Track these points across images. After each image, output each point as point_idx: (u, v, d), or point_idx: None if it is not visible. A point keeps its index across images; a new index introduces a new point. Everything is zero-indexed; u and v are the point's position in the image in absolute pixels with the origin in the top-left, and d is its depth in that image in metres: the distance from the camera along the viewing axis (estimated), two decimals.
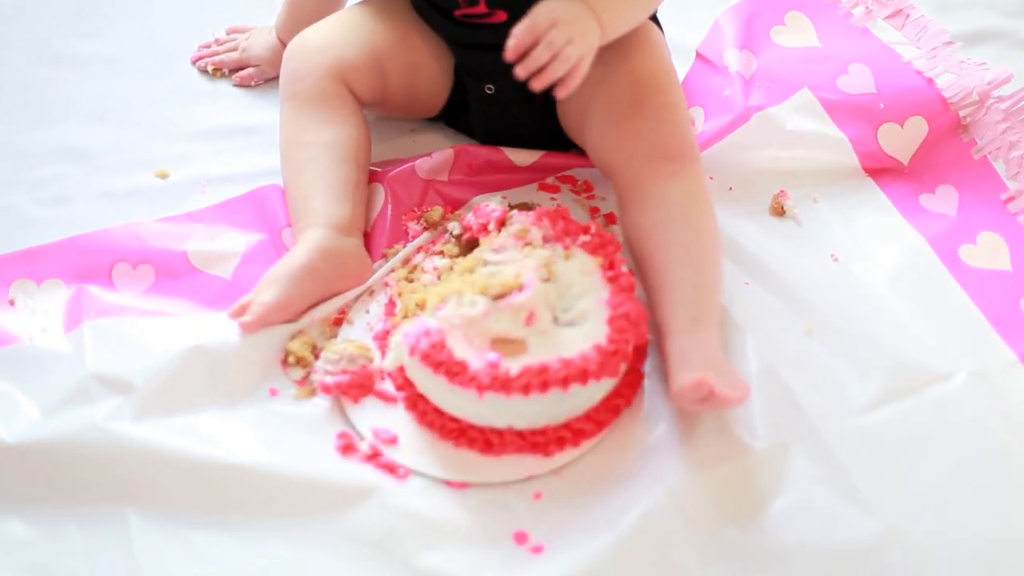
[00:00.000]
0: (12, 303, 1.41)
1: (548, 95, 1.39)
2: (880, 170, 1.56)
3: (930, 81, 1.58)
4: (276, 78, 1.58)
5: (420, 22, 1.57)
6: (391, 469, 1.30)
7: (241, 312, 1.37)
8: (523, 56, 1.32)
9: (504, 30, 1.35)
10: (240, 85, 1.72)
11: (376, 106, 1.60)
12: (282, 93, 1.54)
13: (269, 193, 1.53)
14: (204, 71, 1.74)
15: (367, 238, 1.50)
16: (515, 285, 1.30)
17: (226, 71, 1.74)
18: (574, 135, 1.57)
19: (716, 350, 1.32)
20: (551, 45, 1.31)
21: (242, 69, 1.74)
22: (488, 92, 1.56)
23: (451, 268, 1.42)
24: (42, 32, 1.81)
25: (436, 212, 1.52)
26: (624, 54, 1.49)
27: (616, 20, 1.39)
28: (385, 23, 1.56)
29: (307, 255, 1.40)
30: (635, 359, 1.35)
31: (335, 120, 1.51)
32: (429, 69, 1.58)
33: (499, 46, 1.35)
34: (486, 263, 1.36)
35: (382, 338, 1.40)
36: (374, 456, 1.31)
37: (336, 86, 1.52)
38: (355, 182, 1.49)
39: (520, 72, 1.32)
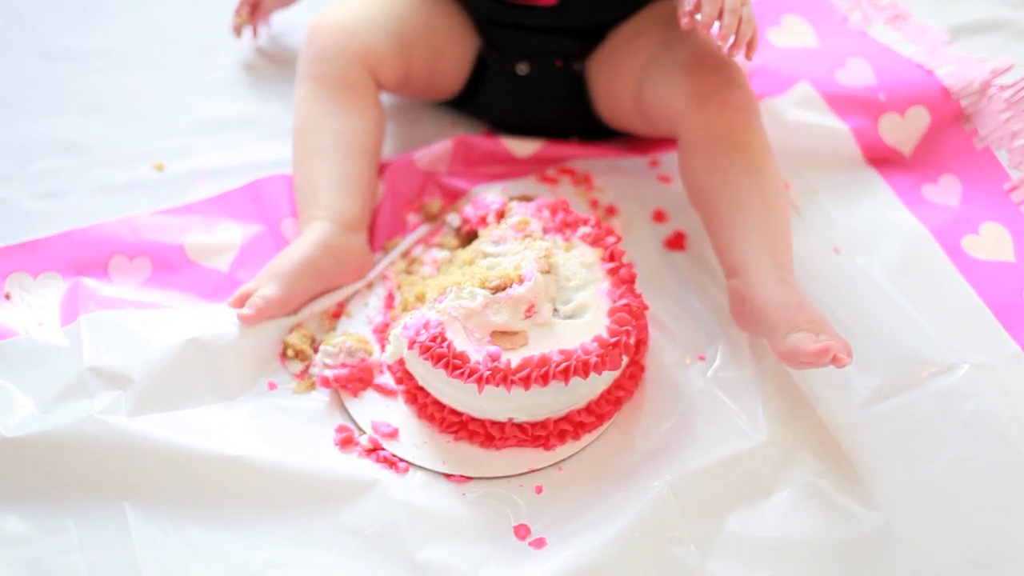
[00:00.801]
0: (8, 297, 1.40)
1: (576, 72, 1.39)
2: (882, 161, 1.55)
3: (930, 72, 1.57)
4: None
5: (443, 3, 1.56)
6: (391, 463, 1.30)
7: (241, 302, 1.37)
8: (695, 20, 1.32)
9: (552, 14, 1.34)
10: (239, 28, 1.71)
11: (396, 91, 1.60)
12: (303, 71, 1.53)
13: (267, 185, 1.52)
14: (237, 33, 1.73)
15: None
16: (515, 277, 1.30)
17: (244, 16, 1.72)
18: (615, 104, 1.56)
19: (813, 307, 1.30)
20: (734, 11, 1.30)
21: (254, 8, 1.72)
22: (520, 72, 1.56)
23: (450, 260, 1.42)
24: (39, 25, 1.80)
25: (435, 205, 1.51)
26: (670, 23, 1.50)
27: None
28: (411, 6, 1.56)
29: (310, 250, 1.39)
30: (636, 351, 1.35)
31: (355, 111, 1.50)
32: (451, 53, 1.57)
33: (542, 28, 1.35)
34: (485, 255, 1.35)
35: (381, 331, 1.40)
36: (374, 450, 1.31)
37: (361, 73, 1.51)
38: (367, 178, 1.48)
39: (722, 42, 1.31)
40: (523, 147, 1.58)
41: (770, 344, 1.30)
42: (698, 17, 1.31)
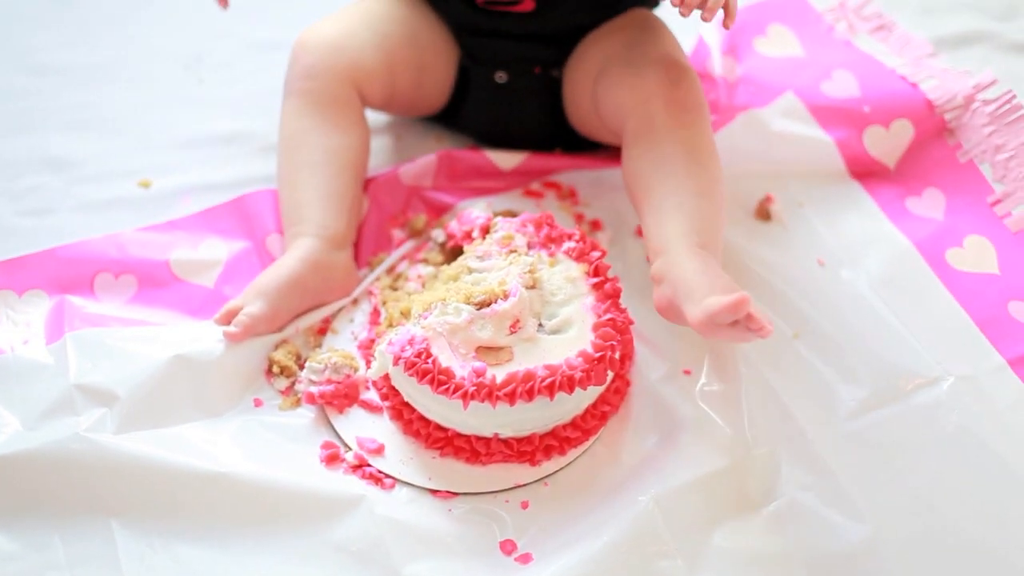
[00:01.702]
0: None
1: (555, 79, 1.41)
2: (866, 173, 1.56)
3: (914, 85, 1.57)
4: None
5: (427, 17, 1.56)
6: (377, 479, 1.30)
7: (227, 319, 1.37)
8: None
9: (528, 20, 1.34)
10: None
11: (381, 108, 1.60)
12: (289, 87, 1.53)
13: (253, 200, 1.52)
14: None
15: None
16: (499, 293, 1.30)
17: None
18: (577, 105, 1.56)
19: (733, 281, 1.28)
20: None
21: None
22: (499, 81, 1.56)
23: (435, 276, 1.42)
24: (23, 40, 1.80)
25: (420, 220, 1.52)
26: (640, 29, 1.50)
27: None
28: (396, 22, 1.56)
29: (297, 267, 1.40)
30: (621, 366, 1.35)
31: (341, 127, 1.50)
32: (436, 67, 1.57)
33: (518, 35, 1.35)
34: (470, 271, 1.35)
35: (367, 347, 1.40)
36: (360, 466, 1.31)
37: (348, 91, 1.51)
38: (353, 194, 1.48)
39: (684, 12, 1.28)
40: (507, 160, 1.58)
41: (688, 318, 1.26)
42: None
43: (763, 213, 1.53)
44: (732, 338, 1.24)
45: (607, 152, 1.61)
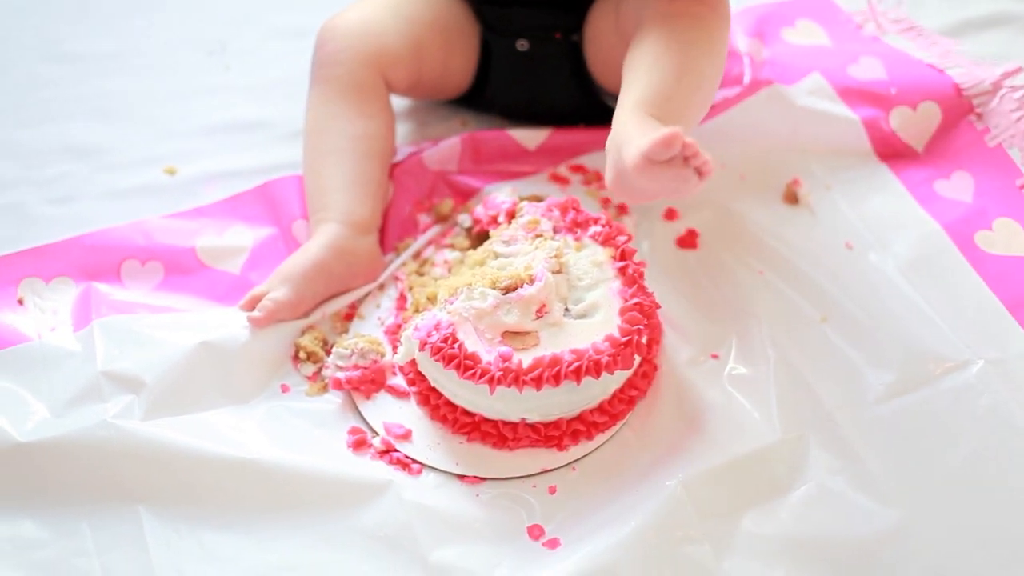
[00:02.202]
0: (21, 302, 1.40)
1: (576, 43, 1.42)
2: (894, 156, 1.55)
3: (941, 71, 1.57)
4: None
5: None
6: (404, 464, 1.30)
7: (251, 305, 1.37)
8: None
9: None
10: None
11: (406, 93, 1.60)
12: (315, 75, 1.53)
13: (278, 186, 1.52)
14: None
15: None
16: (525, 277, 1.29)
17: None
18: (601, 53, 1.55)
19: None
20: None
21: None
22: (520, 49, 1.56)
23: (461, 261, 1.41)
24: (48, 30, 1.80)
25: (446, 205, 1.51)
26: None
27: None
28: (421, 5, 1.56)
29: (321, 252, 1.40)
30: (649, 350, 1.34)
31: (366, 113, 1.50)
32: (461, 48, 1.57)
33: (537, 2, 1.39)
34: (496, 255, 1.35)
35: (393, 332, 1.39)
36: (387, 451, 1.30)
37: (372, 76, 1.51)
38: (378, 180, 1.48)
39: None
40: (532, 138, 1.58)
41: (627, 164, 1.21)
42: None
43: (791, 197, 1.52)
44: (675, 183, 1.19)
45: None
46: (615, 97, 1.48)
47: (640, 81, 1.32)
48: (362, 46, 1.50)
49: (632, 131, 1.24)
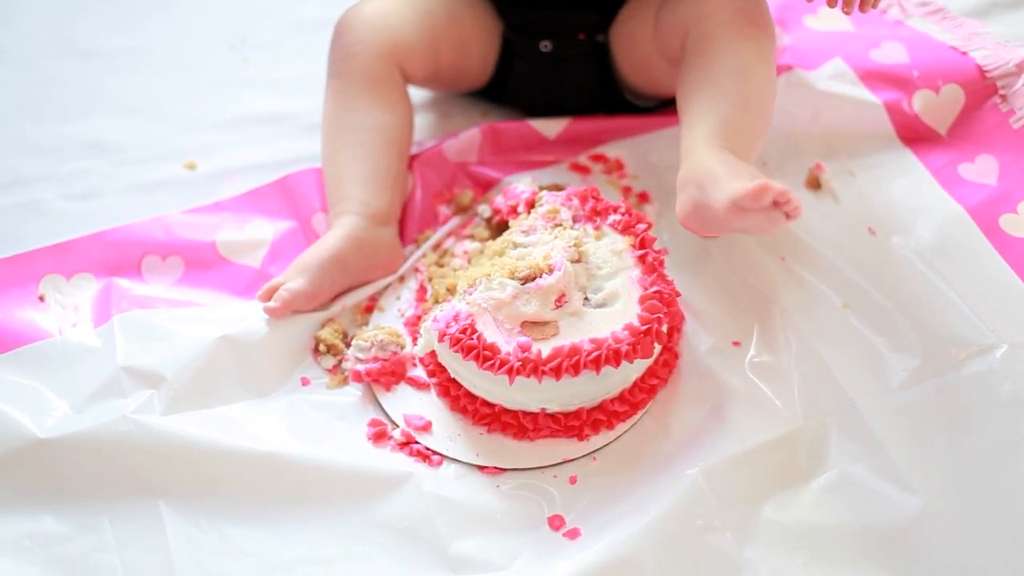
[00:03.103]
0: (42, 298, 1.41)
1: (601, 44, 1.42)
2: (917, 139, 1.53)
3: (964, 54, 1.55)
4: None
5: None
6: (424, 456, 1.29)
7: (269, 295, 1.37)
8: None
9: None
10: None
11: (424, 85, 1.60)
12: (331, 68, 1.53)
13: (298, 180, 1.52)
14: None
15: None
16: (544, 267, 1.29)
17: None
18: (635, 57, 1.55)
19: (755, 169, 1.25)
20: None
21: None
22: (544, 50, 1.55)
23: (481, 251, 1.41)
24: (68, 27, 1.81)
25: (466, 196, 1.51)
26: None
27: None
28: None
29: (339, 244, 1.39)
30: (669, 338, 1.34)
31: (383, 105, 1.50)
32: (478, 42, 1.57)
33: (561, 3, 1.40)
34: (516, 245, 1.34)
35: (413, 324, 1.39)
36: (407, 443, 1.30)
37: (389, 68, 1.51)
38: (396, 172, 1.48)
39: (848, 10, 1.32)
40: (551, 127, 1.57)
41: (714, 206, 1.23)
42: None
43: (813, 182, 1.51)
44: (762, 225, 1.22)
45: (651, 114, 1.60)
46: (641, 96, 1.49)
47: (709, 113, 1.33)
48: (377, 38, 1.50)
49: (717, 170, 1.25)
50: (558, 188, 1.45)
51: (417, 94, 1.61)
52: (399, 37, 1.51)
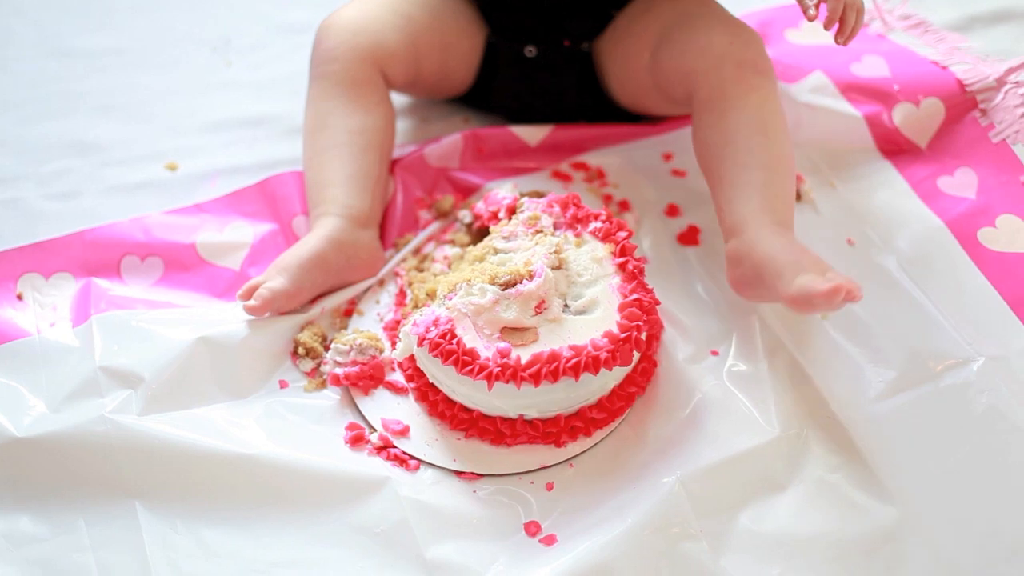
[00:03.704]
0: (20, 297, 1.40)
1: (585, 52, 1.42)
2: (898, 152, 1.54)
3: (945, 68, 1.56)
4: None
5: None
6: (402, 460, 1.29)
7: (248, 294, 1.37)
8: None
9: None
10: None
11: (406, 90, 1.60)
12: (313, 71, 1.53)
13: (278, 182, 1.52)
14: None
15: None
16: (525, 273, 1.29)
17: None
18: (627, 77, 1.55)
19: (814, 252, 1.30)
20: (854, 5, 1.33)
21: None
22: (528, 55, 1.56)
23: (461, 257, 1.41)
24: (51, 26, 1.81)
25: (447, 201, 1.51)
26: (692, 2, 1.51)
27: None
28: (420, 3, 1.56)
29: (319, 245, 1.39)
30: (648, 346, 1.34)
31: (364, 107, 1.50)
32: (461, 47, 1.57)
33: (547, 9, 1.40)
34: (496, 251, 1.35)
35: (392, 328, 1.39)
36: (384, 447, 1.30)
37: (370, 71, 1.51)
38: (376, 174, 1.48)
39: (841, 41, 1.35)
40: (533, 134, 1.58)
41: (778, 294, 1.27)
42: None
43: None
44: (824, 309, 1.24)
45: (632, 122, 1.61)
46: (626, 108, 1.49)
47: (748, 184, 1.36)
48: (358, 42, 1.50)
49: (780, 259, 1.28)
50: (539, 195, 1.45)
51: (398, 100, 1.61)
52: (380, 41, 1.51)
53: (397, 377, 1.36)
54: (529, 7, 1.52)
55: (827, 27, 1.33)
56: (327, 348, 1.38)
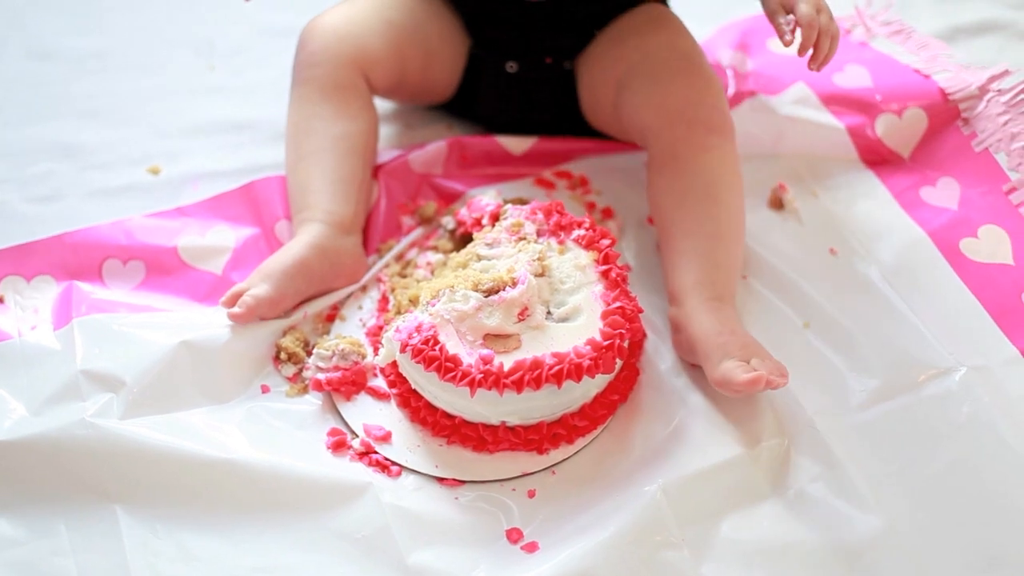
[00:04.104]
0: (1, 300, 1.40)
1: (567, 70, 1.40)
2: (880, 162, 1.55)
3: (927, 77, 1.57)
4: None
5: (436, 6, 1.56)
6: (383, 466, 1.29)
7: (232, 301, 1.36)
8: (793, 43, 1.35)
9: (539, 8, 1.37)
10: None
11: (389, 96, 1.59)
12: (296, 76, 1.52)
13: (261, 187, 1.52)
14: None
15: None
16: (508, 280, 1.29)
17: None
18: (597, 107, 1.55)
19: (747, 333, 1.32)
20: (829, 32, 1.34)
21: None
22: (509, 71, 1.55)
23: (444, 263, 1.41)
24: (34, 27, 1.80)
25: (430, 207, 1.51)
26: (657, 28, 1.50)
27: None
28: (403, 10, 1.55)
29: (304, 251, 1.39)
30: (631, 354, 1.34)
31: (347, 113, 1.49)
32: (444, 55, 1.57)
33: (530, 25, 1.39)
34: (479, 258, 1.34)
35: (375, 334, 1.39)
36: (366, 453, 1.30)
37: (353, 76, 1.51)
38: (360, 180, 1.47)
39: (814, 67, 1.35)
40: (518, 144, 1.57)
41: (708, 377, 1.30)
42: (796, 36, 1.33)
43: (776, 203, 1.52)
44: (746, 394, 1.29)
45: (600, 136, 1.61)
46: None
47: (691, 251, 1.38)
48: (342, 47, 1.50)
49: (710, 342, 1.31)
50: (523, 202, 1.45)
51: (381, 105, 1.60)
52: (364, 45, 1.51)
53: (379, 383, 1.35)
54: (511, 21, 1.52)
55: (800, 54, 1.33)
56: (309, 353, 1.38)
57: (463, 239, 1.45)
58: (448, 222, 1.47)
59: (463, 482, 1.28)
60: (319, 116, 1.48)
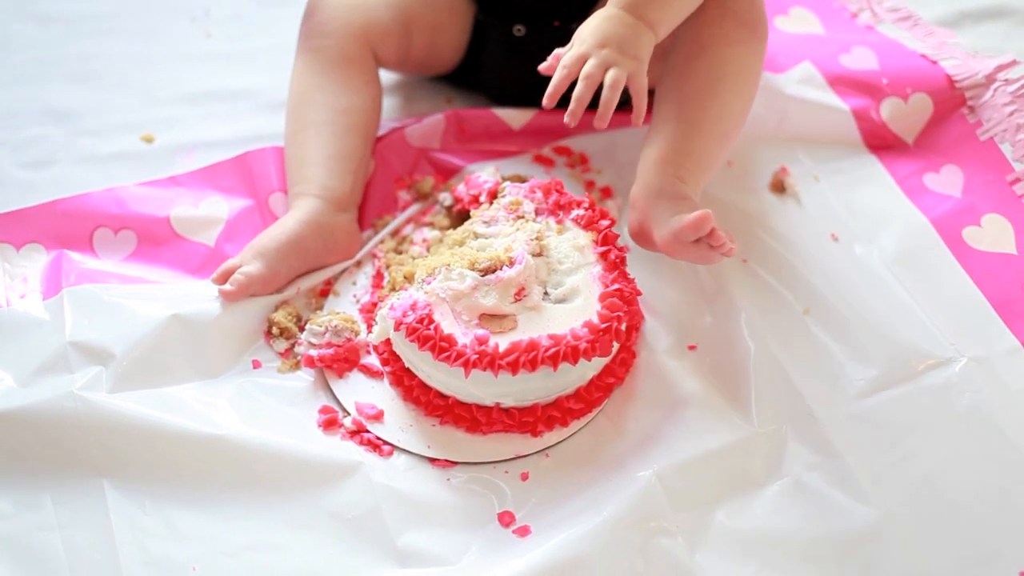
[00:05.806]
0: None
1: (574, 32, 1.39)
2: (884, 147, 1.53)
3: (935, 63, 1.55)
4: None
5: None
6: (375, 446, 1.28)
7: (224, 278, 1.35)
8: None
9: None
10: None
11: (395, 68, 1.58)
12: (302, 45, 1.50)
13: (257, 158, 1.50)
14: None
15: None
16: (505, 259, 1.27)
17: None
18: None
19: (698, 205, 1.30)
20: (589, 79, 1.29)
21: None
22: (517, 34, 1.54)
23: (440, 240, 1.39)
24: None
25: (427, 183, 1.49)
26: None
27: (664, 13, 1.33)
28: None
29: (298, 228, 1.37)
30: (628, 337, 1.32)
31: (353, 87, 1.48)
32: (450, 25, 1.55)
33: None
34: (476, 236, 1.33)
35: (369, 311, 1.38)
36: (358, 432, 1.29)
37: (361, 49, 1.49)
38: (360, 156, 1.46)
39: (568, 120, 1.29)
40: (517, 117, 1.56)
41: (656, 240, 1.29)
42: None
43: (778, 186, 1.50)
44: (697, 258, 1.27)
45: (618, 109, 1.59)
46: None
47: (666, 133, 1.36)
48: (351, 18, 1.48)
49: (661, 204, 1.29)
50: (521, 180, 1.44)
51: (382, 77, 1.58)
52: (373, 18, 1.49)
53: (372, 360, 1.34)
54: None
55: (571, 124, 1.29)
56: (302, 329, 1.36)
57: (460, 216, 1.43)
58: (445, 198, 1.45)
59: (455, 463, 1.27)
60: (323, 88, 1.46)
